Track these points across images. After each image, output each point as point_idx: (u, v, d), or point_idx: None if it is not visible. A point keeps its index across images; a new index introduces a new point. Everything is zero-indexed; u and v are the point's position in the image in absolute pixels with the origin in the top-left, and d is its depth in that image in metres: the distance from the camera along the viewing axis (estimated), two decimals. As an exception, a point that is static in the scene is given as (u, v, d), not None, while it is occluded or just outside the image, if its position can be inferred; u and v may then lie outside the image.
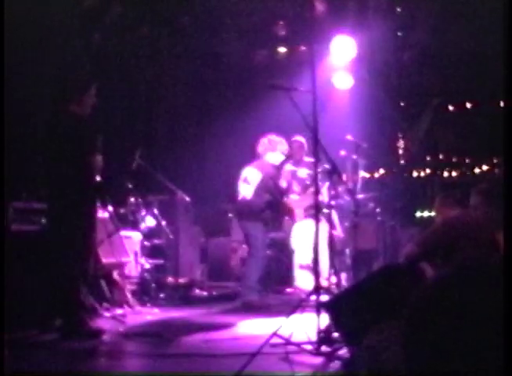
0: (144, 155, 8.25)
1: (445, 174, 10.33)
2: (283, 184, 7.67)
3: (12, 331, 5.24)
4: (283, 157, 7.59)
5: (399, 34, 9.55)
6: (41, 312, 5.77)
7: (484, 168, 10.24)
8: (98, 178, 5.76)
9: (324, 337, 4.73)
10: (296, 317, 5.00)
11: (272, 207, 7.63)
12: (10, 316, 5.05)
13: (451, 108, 10.65)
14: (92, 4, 8.43)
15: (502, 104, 10.21)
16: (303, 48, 9.51)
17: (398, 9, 9.08)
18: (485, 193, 5.01)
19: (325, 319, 4.73)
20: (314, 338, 4.75)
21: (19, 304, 5.66)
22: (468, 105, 10.56)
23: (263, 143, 7.73)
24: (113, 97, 8.75)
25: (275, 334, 4.80)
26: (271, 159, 7.59)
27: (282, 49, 10.09)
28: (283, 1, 9.10)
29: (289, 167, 7.87)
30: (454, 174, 10.28)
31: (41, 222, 6.43)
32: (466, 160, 10.41)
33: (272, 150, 7.60)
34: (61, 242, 5.66)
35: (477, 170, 10.24)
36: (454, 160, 10.53)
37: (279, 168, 7.44)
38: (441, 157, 10.53)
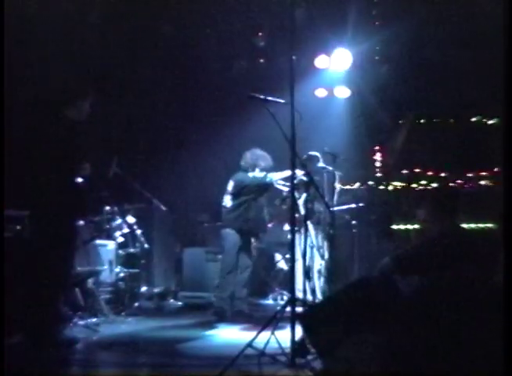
0: (121, 163, 8.22)
1: (421, 187, 10.41)
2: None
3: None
4: (264, 173, 7.66)
5: (377, 47, 9.63)
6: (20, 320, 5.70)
7: (459, 181, 10.34)
8: (82, 186, 5.74)
9: (298, 348, 4.74)
10: (271, 328, 5.00)
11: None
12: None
13: (427, 122, 10.75)
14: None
15: (474, 119, 10.40)
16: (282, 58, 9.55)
17: (377, 23, 9.15)
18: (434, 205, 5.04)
19: (299, 331, 4.74)
20: (288, 349, 4.75)
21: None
22: (444, 119, 10.67)
23: (246, 157, 7.75)
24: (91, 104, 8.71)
25: (249, 346, 4.80)
26: (255, 173, 7.63)
27: (261, 60, 10.13)
28: (263, 12, 9.13)
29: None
30: (429, 187, 10.35)
31: (16, 229, 6.39)
32: (442, 174, 10.50)
33: (256, 163, 7.64)
34: (43, 248, 5.62)
35: (452, 183, 10.34)
36: (429, 173, 10.61)
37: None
38: (416, 170, 10.61)
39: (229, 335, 6.52)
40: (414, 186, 10.52)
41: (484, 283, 3.39)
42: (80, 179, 5.76)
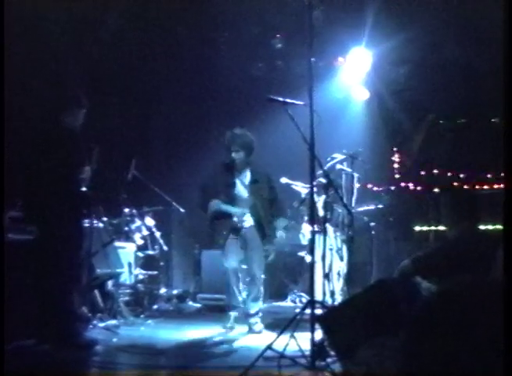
0: (139, 166, 8.25)
1: (440, 188, 10.34)
2: None
3: (9, 341, 5.24)
4: None
5: (396, 48, 9.59)
6: (39, 322, 5.74)
7: (479, 182, 10.27)
8: (84, 189, 5.77)
9: (318, 351, 4.73)
10: (290, 331, 4.99)
11: None
12: (7, 325, 5.05)
13: (446, 123, 10.69)
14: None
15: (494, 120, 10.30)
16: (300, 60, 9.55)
17: (396, 24, 9.11)
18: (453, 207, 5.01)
19: (319, 333, 4.73)
20: (308, 351, 4.75)
21: (16, 314, 5.65)
22: (464, 120, 10.61)
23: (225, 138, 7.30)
24: (109, 108, 8.76)
25: (269, 348, 4.80)
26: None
27: (279, 62, 10.13)
28: (281, 14, 9.13)
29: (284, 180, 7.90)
30: (448, 189, 10.28)
31: (36, 231, 6.42)
32: (461, 175, 10.43)
33: (229, 145, 7.17)
34: (48, 252, 5.67)
35: (471, 185, 10.27)
36: (448, 174, 10.55)
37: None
38: (435, 171, 10.55)
39: (249, 337, 6.51)
40: (433, 187, 10.45)
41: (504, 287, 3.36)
42: (84, 182, 5.80)
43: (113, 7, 8.72)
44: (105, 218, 7.58)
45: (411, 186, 10.55)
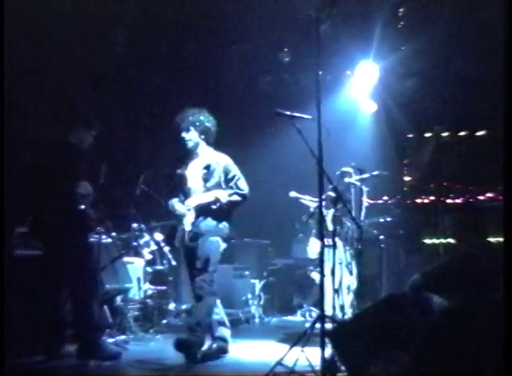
0: (148, 181, 8.25)
1: (449, 201, 10.30)
2: None
3: (19, 357, 5.25)
4: None
5: (403, 61, 9.60)
6: (48, 337, 5.74)
7: (489, 194, 10.21)
8: (82, 207, 5.76)
9: (328, 366, 4.69)
10: (300, 346, 4.96)
11: None
12: (15, 342, 5.06)
13: (455, 135, 10.65)
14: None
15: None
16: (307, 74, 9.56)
17: (403, 36, 9.13)
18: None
19: (329, 348, 4.70)
20: (318, 366, 4.71)
21: (24, 329, 5.66)
22: (471, 132, 10.57)
23: None
24: (117, 123, 8.79)
25: (279, 363, 4.77)
26: None
27: (286, 75, 10.15)
28: (288, 28, 9.16)
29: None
30: (458, 201, 10.24)
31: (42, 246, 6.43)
32: (470, 188, 10.38)
33: None
34: (55, 267, 5.69)
35: (481, 197, 10.21)
36: (458, 186, 10.50)
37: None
38: (445, 183, 10.50)
39: (259, 352, 6.48)
40: (442, 199, 10.41)
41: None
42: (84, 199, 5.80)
43: (121, 23, 8.77)
44: (113, 233, 7.57)
45: (420, 198, 10.51)
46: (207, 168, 6.17)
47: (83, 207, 5.74)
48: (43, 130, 6.96)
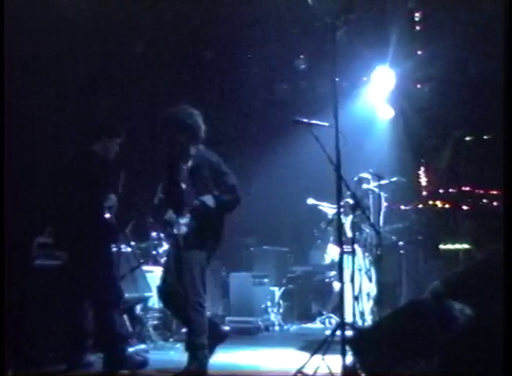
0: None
1: (468, 206, 10.22)
2: None
3: (39, 366, 5.27)
4: None
5: (420, 66, 9.57)
6: (68, 347, 5.76)
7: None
8: (108, 216, 5.77)
9: (349, 374, 4.67)
10: (321, 353, 4.94)
11: None
12: (36, 351, 5.08)
13: (473, 140, 10.58)
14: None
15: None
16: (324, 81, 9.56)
17: (419, 41, 9.12)
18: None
19: (350, 356, 4.67)
20: (339, 374, 4.69)
21: (44, 339, 5.68)
22: (490, 136, 10.49)
23: None
24: (135, 132, 8.82)
25: (299, 372, 4.75)
26: None
27: (303, 82, 10.16)
28: (304, 35, 9.17)
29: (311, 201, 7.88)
30: (477, 206, 10.15)
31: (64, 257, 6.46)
32: (490, 192, 10.29)
33: None
34: (77, 277, 5.70)
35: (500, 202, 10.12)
36: (478, 191, 10.42)
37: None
38: (464, 188, 10.43)
39: (279, 360, 6.46)
40: (461, 204, 10.33)
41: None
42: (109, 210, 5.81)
43: (139, 31, 8.83)
44: (132, 243, 7.59)
45: (439, 203, 10.44)
46: (196, 168, 5.61)
47: (107, 216, 5.76)
48: (68, 140, 7.02)
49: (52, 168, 6.27)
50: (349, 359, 4.68)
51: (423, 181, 10.67)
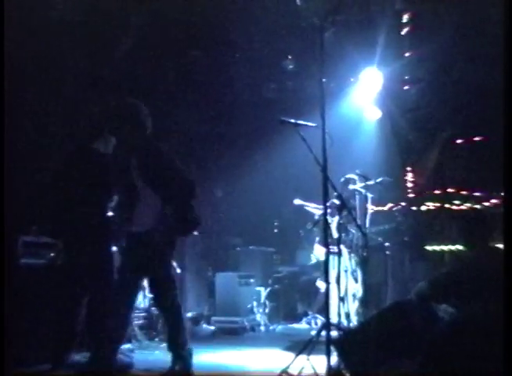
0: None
1: (454, 207, 10.25)
2: None
3: (24, 366, 5.24)
4: None
5: (407, 67, 9.60)
6: (53, 346, 5.73)
7: (494, 201, 10.17)
8: (110, 214, 5.75)
9: (334, 374, 4.68)
10: (306, 354, 4.95)
11: None
12: (21, 351, 5.05)
13: (459, 141, 10.63)
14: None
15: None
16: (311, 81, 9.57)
17: (407, 43, 9.14)
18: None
19: (334, 356, 4.68)
20: (324, 375, 4.70)
21: (29, 338, 5.65)
22: (477, 138, 10.54)
23: None
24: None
25: (284, 372, 4.75)
26: None
27: (290, 83, 10.16)
28: (292, 35, 9.17)
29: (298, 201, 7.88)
30: (463, 207, 10.20)
31: (50, 256, 6.42)
32: (476, 194, 10.34)
33: None
34: (74, 276, 5.67)
35: (486, 203, 10.17)
36: (463, 192, 10.46)
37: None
38: (450, 190, 10.47)
39: (265, 360, 6.46)
40: (447, 206, 10.37)
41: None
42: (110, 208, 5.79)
43: (125, 32, 8.79)
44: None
45: (425, 205, 10.48)
46: (145, 160, 5.38)
47: (109, 215, 5.73)
48: (68, 138, 6.97)
49: (54, 166, 6.20)
50: (334, 359, 4.69)
51: (410, 182, 10.70)
